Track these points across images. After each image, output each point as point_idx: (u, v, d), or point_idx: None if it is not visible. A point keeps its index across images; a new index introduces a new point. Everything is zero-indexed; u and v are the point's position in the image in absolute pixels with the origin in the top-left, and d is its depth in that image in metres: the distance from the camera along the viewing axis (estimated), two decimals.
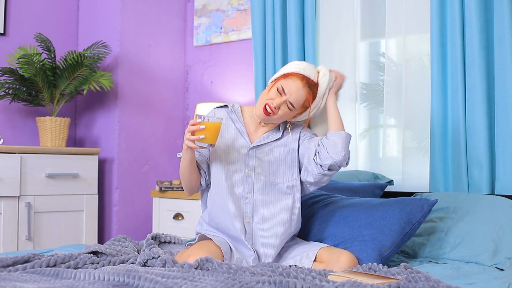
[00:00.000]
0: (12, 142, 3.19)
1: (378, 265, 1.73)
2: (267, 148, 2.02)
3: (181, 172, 2.04)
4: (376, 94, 3.01)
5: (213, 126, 1.86)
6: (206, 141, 1.86)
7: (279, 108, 1.93)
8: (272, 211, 1.99)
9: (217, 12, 3.55)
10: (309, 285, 1.43)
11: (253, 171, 2.00)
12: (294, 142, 2.03)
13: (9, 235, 2.78)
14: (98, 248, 1.78)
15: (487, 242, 2.05)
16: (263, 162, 2.01)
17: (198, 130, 1.85)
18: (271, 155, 2.02)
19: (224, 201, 1.98)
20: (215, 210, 2.01)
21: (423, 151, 2.70)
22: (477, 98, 2.43)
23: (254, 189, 1.99)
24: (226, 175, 1.99)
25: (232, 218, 1.96)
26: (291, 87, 1.93)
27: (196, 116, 1.89)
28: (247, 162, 2.01)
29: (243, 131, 2.04)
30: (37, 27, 3.30)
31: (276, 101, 1.93)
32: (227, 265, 1.62)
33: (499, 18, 2.39)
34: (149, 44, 3.51)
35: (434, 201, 2.07)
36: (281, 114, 1.95)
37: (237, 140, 2.03)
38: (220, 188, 2.00)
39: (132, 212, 3.41)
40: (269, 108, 1.93)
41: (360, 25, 2.96)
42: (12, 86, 3.03)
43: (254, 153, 2.01)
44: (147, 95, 3.50)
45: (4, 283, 1.39)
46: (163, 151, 3.59)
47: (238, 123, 2.05)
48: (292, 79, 1.94)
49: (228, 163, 2.00)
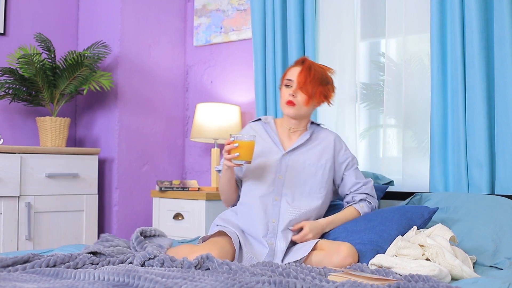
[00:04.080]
0: (12, 142, 3.19)
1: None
2: (301, 156, 2.17)
3: (221, 188, 2.23)
4: (376, 94, 3.01)
5: (246, 144, 2.00)
6: (242, 159, 2.01)
7: (295, 96, 2.12)
8: (298, 215, 2.08)
9: (217, 12, 3.55)
10: (309, 285, 1.43)
11: (284, 176, 2.14)
12: (328, 153, 2.18)
13: (9, 235, 2.78)
14: (97, 248, 1.78)
15: (487, 242, 2.05)
16: (294, 170, 2.15)
17: (233, 149, 2.00)
18: (304, 166, 2.15)
19: (252, 201, 2.11)
20: (242, 210, 2.15)
21: (423, 151, 2.70)
22: (477, 98, 2.43)
23: (282, 193, 2.12)
24: (257, 178, 2.15)
25: (255, 218, 2.08)
26: (293, 73, 2.15)
27: (230, 136, 2.03)
28: (279, 168, 2.15)
29: (276, 140, 2.20)
30: (37, 27, 3.30)
31: (289, 91, 2.13)
32: (227, 265, 1.62)
33: (499, 18, 2.39)
34: (149, 44, 3.51)
35: (434, 209, 2.08)
36: (301, 100, 2.12)
37: (271, 148, 2.19)
38: (250, 190, 2.15)
39: (132, 212, 3.40)
40: (289, 101, 2.12)
41: (360, 25, 2.96)
42: (12, 86, 3.03)
43: (286, 160, 2.16)
44: (147, 95, 3.50)
45: (4, 283, 1.39)
46: (163, 151, 3.59)
47: (271, 133, 2.22)
48: (290, 70, 2.19)
49: (261, 168, 2.16)
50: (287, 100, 2.14)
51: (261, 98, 3.12)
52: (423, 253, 1.76)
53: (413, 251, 1.76)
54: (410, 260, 1.72)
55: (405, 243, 1.79)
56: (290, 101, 2.13)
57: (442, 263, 1.70)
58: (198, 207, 3.02)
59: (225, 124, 3.19)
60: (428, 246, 1.76)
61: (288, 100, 2.13)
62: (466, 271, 1.69)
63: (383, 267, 1.73)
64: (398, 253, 1.79)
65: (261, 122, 2.28)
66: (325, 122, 2.98)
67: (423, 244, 1.78)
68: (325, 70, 2.20)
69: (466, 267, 1.71)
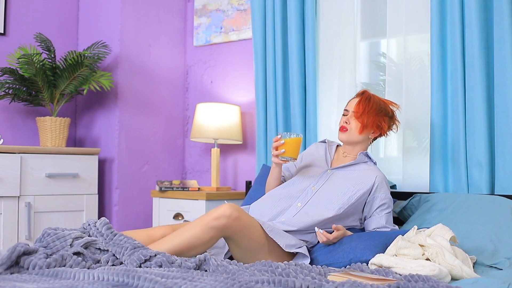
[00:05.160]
0: (12, 142, 3.19)
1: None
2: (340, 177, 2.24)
3: (267, 184, 2.39)
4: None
5: (292, 141, 2.13)
6: (287, 155, 2.14)
7: (349, 123, 2.26)
8: (309, 223, 2.11)
9: (217, 12, 3.55)
10: (309, 284, 1.43)
11: (317, 188, 2.22)
12: (365, 185, 2.21)
13: (9, 235, 2.78)
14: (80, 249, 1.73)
15: (486, 242, 2.05)
16: (330, 186, 2.22)
17: (279, 145, 2.14)
18: (338, 186, 2.20)
19: (277, 197, 2.22)
20: (264, 200, 2.26)
21: (423, 151, 2.70)
22: (477, 98, 2.43)
23: (308, 202, 2.19)
24: (293, 182, 2.27)
25: (271, 211, 2.18)
26: (351, 104, 2.30)
27: (278, 133, 2.14)
28: (317, 180, 2.25)
29: (328, 158, 2.36)
30: (37, 27, 3.31)
31: (344, 119, 2.28)
32: (224, 266, 1.62)
33: (499, 18, 2.39)
34: (149, 44, 3.51)
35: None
36: (353, 126, 2.26)
37: (320, 163, 2.34)
38: (282, 188, 2.27)
39: (132, 212, 3.40)
40: (342, 126, 2.27)
41: (360, 25, 2.96)
42: (12, 86, 3.03)
43: (327, 176, 2.27)
44: (147, 95, 3.50)
45: (4, 283, 1.39)
46: (163, 151, 3.59)
47: (327, 153, 2.39)
48: (350, 101, 2.33)
49: (302, 175, 2.30)
50: (340, 126, 2.29)
51: (261, 98, 3.12)
52: (423, 253, 1.76)
53: (413, 251, 1.77)
54: (410, 260, 1.72)
55: (405, 243, 1.79)
56: (342, 127, 2.28)
57: (442, 263, 1.70)
58: (198, 207, 3.02)
59: (225, 124, 3.19)
60: (428, 246, 1.76)
61: (342, 126, 2.28)
62: (466, 271, 1.69)
63: (383, 267, 1.73)
64: (398, 253, 1.79)
65: (325, 143, 2.44)
66: (325, 122, 2.98)
67: (423, 244, 1.78)
68: (387, 103, 2.32)
69: (466, 267, 1.71)
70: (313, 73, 2.95)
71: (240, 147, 3.46)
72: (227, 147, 3.50)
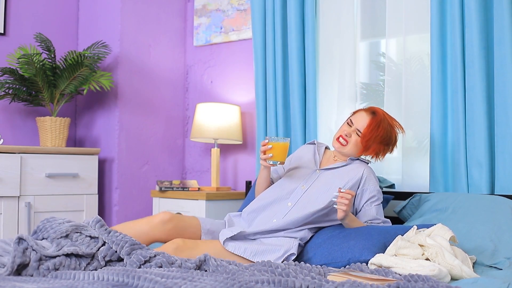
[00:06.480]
0: (12, 142, 3.19)
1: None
2: (330, 177, 2.25)
3: (256, 186, 2.41)
4: (376, 94, 3.01)
5: (279, 145, 2.15)
6: (274, 159, 2.16)
7: (350, 136, 2.25)
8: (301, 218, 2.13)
9: (217, 12, 3.55)
10: (308, 284, 1.43)
11: (306, 188, 2.24)
12: (354, 178, 2.23)
13: (9, 235, 2.78)
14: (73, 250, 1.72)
15: (486, 242, 2.05)
16: (319, 184, 2.24)
17: (267, 149, 2.16)
18: (327, 184, 2.22)
19: (267, 200, 2.24)
20: (255, 205, 2.26)
21: (423, 151, 2.70)
22: (477, 98, 2.43)
23: (298, 200, 2.20)
24: (282, 184, 2.29)
25: (263, 215, 2.20)
26: (358, 118, 2.28)
27: (265, 137, 2.20)
28: (306, 180, 2.27)
29: (317, 159, 2.36)
30: (37, 27, 3.31)
31: (346, 130, 2.27)
32: (224, 266, 1.62)
33: (499, 18, 2.39)
34: (149, 44, 3.51)
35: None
36: (353, 141, 2.25)
37: (309, 164, 2.35)
38: (272, 190, 2.29)
39: (132, 212, 3.40)
40: (342, 139, 2.26)
41: (360, 25, 2.96)
42: (12, 86, 3.03)
43: (316, 175, 2.28)
44: (147, 95, 3.50)
45: (4, 283, 1.40)
46: (163, 151, 3.59)
47: (316, 155, 2.38)
48: (359, 113, 2.30)
49: (290, 176, 2.31)
50: (339, 135, 2.28)
51: (261, 98, 3.13)
52: (423, 253, 1.76)
53: (412, 251, 1.77)
54: (409, 260, 1.72)
55: (405, 242, 1.79)
56: (343, 138, 2.26)
57: (441, 263, 1.70)
58: (198, 207, 3.02)
59: (225, 124, 3.19)
60: (428, 246, 1.76)
61: (341, 135, 2.27)
62: (466, 271, 1.69)
63: (383, 267, 1.73)
64: (398, 253, 1.79)
65: (314, 145, 2.44)
66: (325, 122, 2.98)
67: (423, 244, 1.78)
68: (393, 127, 2.29)
69: (465, 267, 1.71)
70: (313, 73, 2.95)
71: (240, 147, 3.46)
72: (227, 147, 3.50)
